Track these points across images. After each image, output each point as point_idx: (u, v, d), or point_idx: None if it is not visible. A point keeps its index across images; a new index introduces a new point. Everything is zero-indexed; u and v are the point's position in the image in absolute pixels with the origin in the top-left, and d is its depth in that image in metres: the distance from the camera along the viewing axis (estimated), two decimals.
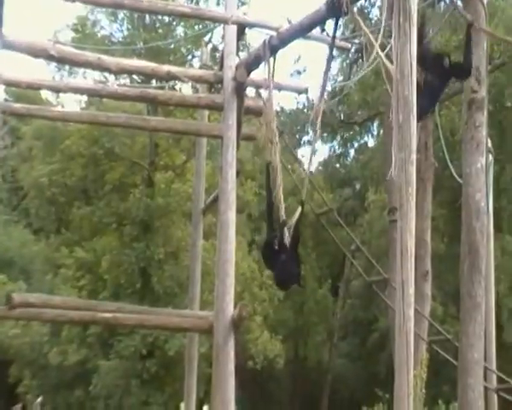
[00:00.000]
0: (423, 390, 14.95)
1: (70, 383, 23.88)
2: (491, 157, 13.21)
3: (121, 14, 25.07)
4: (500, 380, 13.35)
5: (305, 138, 33.25)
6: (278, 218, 8.60)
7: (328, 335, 31.17)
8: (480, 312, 9.46)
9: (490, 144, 12.87)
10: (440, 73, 7.26)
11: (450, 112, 23.27)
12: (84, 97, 25.06)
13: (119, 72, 10.61)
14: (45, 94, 27.41)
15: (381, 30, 7.17)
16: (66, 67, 22.95)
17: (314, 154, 8.64)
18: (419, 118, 6.90)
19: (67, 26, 25.49)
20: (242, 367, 25.21)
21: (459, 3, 10.85)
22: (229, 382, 9.10)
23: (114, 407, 23.05)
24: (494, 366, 13.13)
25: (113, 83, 11.18)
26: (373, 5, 23.05)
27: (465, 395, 9.32)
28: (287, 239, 8.37)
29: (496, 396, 13.03)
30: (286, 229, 8.44)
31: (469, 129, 9.10)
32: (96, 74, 21.94)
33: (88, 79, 22.14)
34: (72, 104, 26.29)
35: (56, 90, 11.82)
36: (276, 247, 8.30)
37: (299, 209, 8.41)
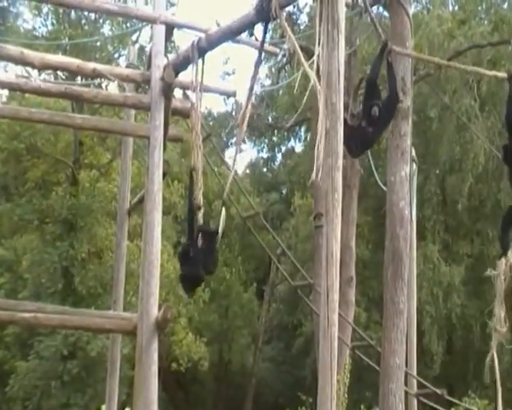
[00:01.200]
0: (346, 395, 15.13)
1: None
2: (415, 166, 13.44)
3: (45, 9, 24.55)
4: (420, 385, 13.59)
5: (233, 140, 33.41)
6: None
7: (252, 338, 31.21)
8: (403, 318, 9.59)
9: (414, 153, 13.09)
10: (372, 121, 7.27)
11: None
12: (6, 92, 24.48)
13: (42, 67, 10.35)
14: None
15: (317, 37, 7.19)
16: None
17: (235, 161, 8.67)
18: (353, 156, 6.97)
19: None
20: (166, 369, 25.12)
21: (386, 14, 11.01)
22: (152, 384, 8.99)
23: (33, 409, 22.54)
24: (415, 372, 13.35)
25: (37, 78, 10.89)
26: (301, 11, 23.22)
27: (386, 399, 9.42)
28: (201, 243, 8.50)
29: (416, 401, 13.25)
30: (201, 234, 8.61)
31: (394, 138, 9.20)
32: (19, 69, 21.51)
33: (10, 72, 21.67)
34: None
35: None
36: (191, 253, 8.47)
37: (223, 212, 8.45)
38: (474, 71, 13.23)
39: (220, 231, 8.47)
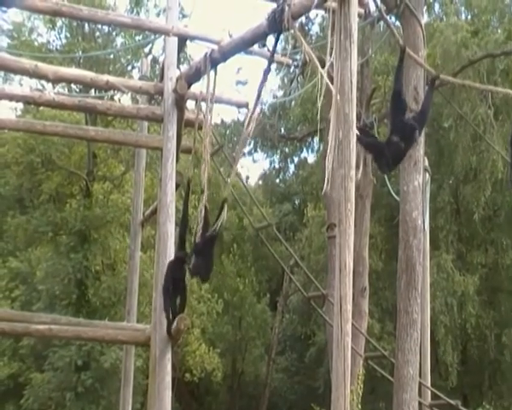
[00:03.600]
0: (359, 406, 15.06)
1: (1, 397, 23.29)
2: (428, 176, 13.42)
3: (59, 22, 24.70)
4: (434, 396, 13.53)
5: (246, 150, 33.39)
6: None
7: (266, 349, 31.12)
8: (416, 328, 9.58)
9: (427, 163, 13.08)
10: (407, 139, 7.18)
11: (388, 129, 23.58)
12: (20, 105, 24.65)
13: (56, 80, 10.44)
14: None
15: (328, 47, 7.20)
16: (1, 73, 22.52)
17: (236, 165, 8.72)
18: (384, 172, 6.93)
19: (3, 32, 25.05)
20: (179, 380, 25.09)
21: (398, 24, 11.03)
22: (165, 394, 9.02)
23: None
24: (429, 382, 13.30)
25: (51, 91, 10.97)
26: (313, 22, 23.26)
27: None
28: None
29: None
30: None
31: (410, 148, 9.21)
32: (33, 83, 21.66)
33: (24, 86, 21.83)
34: (7, 112, 25.76)
35: None
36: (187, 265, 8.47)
37: (225, 209, 8.44)
38: (487, 89, 13.23)
39: (217, 227, 8.45)
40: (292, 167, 35.53)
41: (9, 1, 8.71)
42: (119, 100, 20.06)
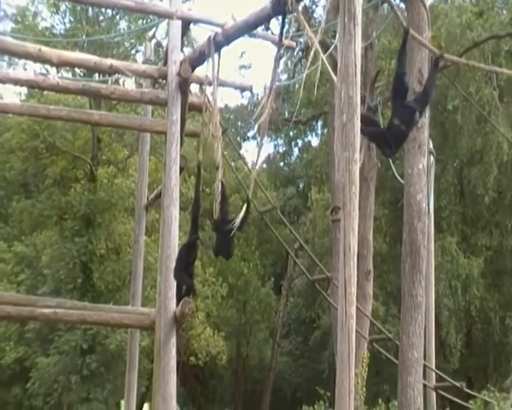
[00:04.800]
0: (364, 389, 15.11)
1: (7, 381, 23.43)
2: (432, 158, 13.40)
3: (63, 6, 24.65)
4: (439, 378, 13.57)
5: (250, 134, 33.40)
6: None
7: (270, 333, 31.23)
8: (421, 311, 9.59)
9: (431, 146, 13.06)
10: (408, 121, 7.16)
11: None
12: (24, 89, 24.63)
13: (60, 64, 10.41)
14: None
15: (320, 29, 7.17)
16: (6, 57, 22.50)
17: (259, 156, 8.61)
18: (387, 155, 6.92)
19: (7, 16, 25.00)
20: (184, 364, 25.19)
21: (402, 6, 10.98)
22: (170, 378, 9.05)
23: (54, 405, 22.68)
24: (433, 365, 13.34)
25: (55, 75, 10.97)
26: (317, 5, 23.17)
27: (405, 393, 9.45)
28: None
29: (435, 394, 13.24)
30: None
31: (411, 130, 9.19)
32: (37, 67, 21.62)
33: (28, 70, 21.81)
34: (11, 96, 25.75)
35: None
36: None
37: (245, 207, 8.36)
38: (491, 70, 13.17)
39: (237, 223, 8.37)
40: (296, 151, 35.59)
41: None
42: (123, 84, 20.02)
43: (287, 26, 7.45)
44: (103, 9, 24.06)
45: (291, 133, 33.11)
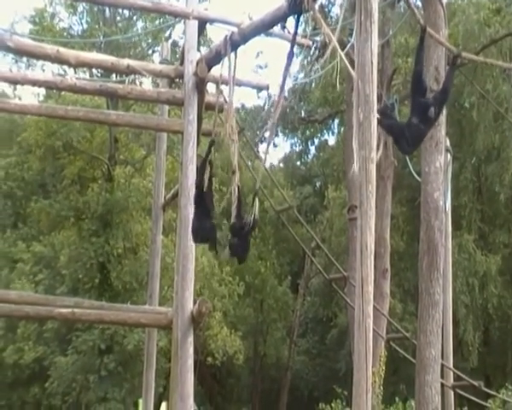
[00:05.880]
0: (381, 387, 15.08)
1: (26, 380, 23.59)
2: (449, 156, 13.34)
3: (80, 7, 24.81)
4: (457, 377, 13.51)
5: (267, 134, 33.37)
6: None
7: (287, 332, 31.24)
8: (438, 310, 9.55)
9: (448, 143, 13.00)
10: (425, 120, 7.16)
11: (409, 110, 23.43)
12: (42, 90, 24.79)
13: (78, 65, 10.49)
14: (2, 86, 27.06)
15: (338, 27, 7.16)
16: (24, 59, 22.65)
17: (267, 152, 8.62)
18: (405, 153, 6.89)
19: (25, 17, 25.18)
20: (202, 363, 25.25)
21: (419, 4, 10.94)
22: (188, 377, 9.07)
23: (72, 404, 22.82)
24: (451, 364, 13.28)
25: (72, 76, 11.05)
26: (333, 3, 23.13)
27: (422, 392, 9.41)
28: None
29: (452, 393, 13.18)
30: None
31: (430, 129, 9.16)
32: (55, 67, 21.76)
33: (46, 71, 21.94)
34: (29, 97, 25.96)
35: (14, 82, 11.65)
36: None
37: (255, 204, 8.28)
38: (509, 67, 13.09)
39: (251, 220, 8.31)
40: (312, 150, 35.52)
41: None
42: (140, 84, 20.10)
43: (303, 25, 7.45)
44: (120, 10, 24.18)
45: (307, 132, 33.04)
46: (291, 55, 7.76)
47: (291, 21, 7.95)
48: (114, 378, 22.75)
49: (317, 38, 11.84)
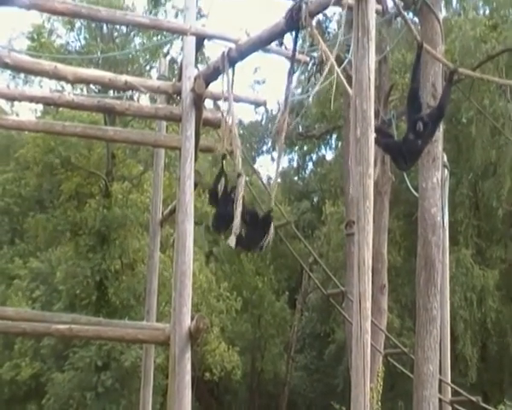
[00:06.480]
0: (379, 403, 15.03)
1: (23, 397, 23.49)
2: (446, 172, 13.37)
3: (78, 24, 24.87)
4: (454, 392, 13.48)
5: (264, 148, 33.49)
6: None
7: (285, 347, 31.14)
8: (436, 325, 9.55)
9: (445, 159, 13.03)
10: (420, 134, 7.20)
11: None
12: (40, 106, 24.81)
13: (75, 81, 10.50)
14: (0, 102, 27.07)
15: (337, 43, 7.21)
16: (22, 75, 22.70)
17: (278, 173, 8.81)
18: (402, 169, 6.94)
19: (23, 34, 25.25)
20: (199, 379, 25.15)
21: (416, 20, 10.99)
22: (185, 394, 9.05)
23: None
24: (449, 379, 13.25)
25: (70, 92, 11.07)
26: (330, 20, 23.24)
27: (420, 407, 9.39)
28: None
29: (450, 409, 13.15)
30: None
31: (427, 145, 9.18)
32: (53, 83, 21.81)
33: (44, 87, 21.99)
34: (27, 113, 26.00)
35: (11, 98, 11.69)
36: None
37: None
38: (506, 83, 13.14)
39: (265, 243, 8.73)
40: (310, 165, 35.58)
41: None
42: (138, 100, 20.14)
43: (301, 42, 7.49)
44: (118, 26, 24.24)
45: (305, 147, 33.12)
46: (291, 73, 7.81)
47: (288, 37, 8.00)
48: (111, 395, 22.65)
49: (315, 54, 11.90)
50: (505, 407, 16.82)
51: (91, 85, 20.70)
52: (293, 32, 7.67)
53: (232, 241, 8.79)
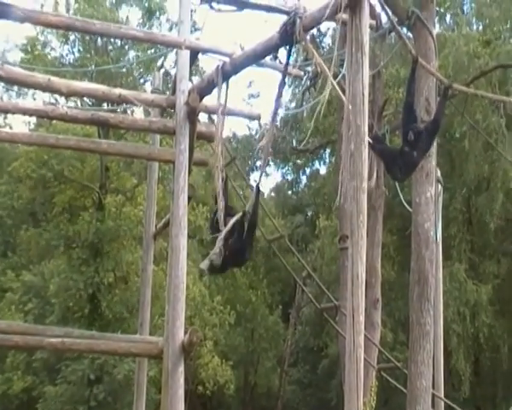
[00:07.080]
0: None
1: None
2: (440, 187, 13.39)
3: (72, 36, 24.90)
4: (447, 407, 13.45)
5: (258, 163, 33.51)
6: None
7: (278, 361, 31.09)
8: (429, 340, 9.55)
9: (439, 174, 13.06)
10: (415, 146, 7.24)
11: (400, 140, 23.53)
12: (33, 119, 24.82)
13: (69, 94, 10.51)
14: None
15: (333, 58, 7.23)
16: (15, 87, 22.69)
17: (260, 182, 8.78)
18: (397, 180, 6.93)
19: (16, 46, 25.26)
20: (192, 393, 25.07)
21: (410, 35, 11.04)
22: (178, 407, 9.00)
23: None
24: (442, 394, 13.23)
25: (64, 105, 11.07)
26: (324, 34, 23.35)
27: None
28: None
29: None
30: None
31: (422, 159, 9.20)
32: (46, 96, 21.80)
33: (37, 100, 21.99)
34: (20, 126, 25.98)
35: (4, 110, 11.67)
36: None
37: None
38: (499, 99, 13.18)
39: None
40: (304, 179, 35.66)
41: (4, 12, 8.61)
42: (132, 113, 20.15)
43: (295, 56, 7.51)
44: (112, 40, 24.27)
45: (299, 161, 33.19)
46: (282, 85, 7.82)
47: (283, 51, 8.02)
48: (104, 409, 22.55)
49: (309, 69, 11.93)
50: None
51: (85, 98, 20.71)
52: (288, 47, 7.69)
53: (205, 264, 8.81)
